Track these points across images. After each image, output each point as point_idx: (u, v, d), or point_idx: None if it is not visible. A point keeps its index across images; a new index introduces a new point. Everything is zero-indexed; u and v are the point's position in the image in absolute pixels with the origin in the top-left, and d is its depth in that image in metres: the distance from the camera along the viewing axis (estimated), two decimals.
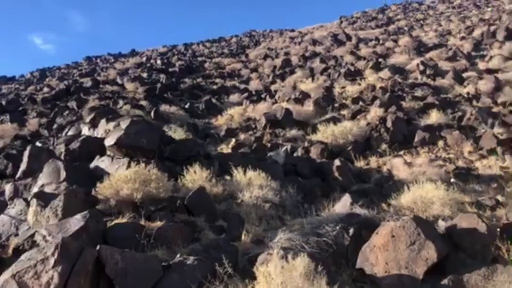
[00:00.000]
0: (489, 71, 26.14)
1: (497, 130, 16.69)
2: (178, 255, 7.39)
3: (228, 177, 12.25)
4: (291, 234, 8.40)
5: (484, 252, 7.61)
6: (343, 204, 9.97)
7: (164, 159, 13.00)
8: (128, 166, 10.17)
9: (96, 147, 12.83)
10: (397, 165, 13.47)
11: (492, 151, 14.73)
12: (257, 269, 6.12)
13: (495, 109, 19.60)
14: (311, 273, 5.88)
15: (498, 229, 8.23)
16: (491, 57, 29.02)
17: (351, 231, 8.53)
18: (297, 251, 6.98)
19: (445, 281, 7.07)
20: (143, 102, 26.96)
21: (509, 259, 7.22)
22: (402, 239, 7.50)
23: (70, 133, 19.32)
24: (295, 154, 16.16)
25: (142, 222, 8.65)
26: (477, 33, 39.02)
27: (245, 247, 8.72)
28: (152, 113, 23.13)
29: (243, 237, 8.91)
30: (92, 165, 12.10)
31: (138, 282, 6.60)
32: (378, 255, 7.59)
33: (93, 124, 17.18)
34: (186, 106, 27.81)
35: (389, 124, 17.38)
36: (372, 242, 7.79)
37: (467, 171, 13.57)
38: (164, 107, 25.49)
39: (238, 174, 11.87)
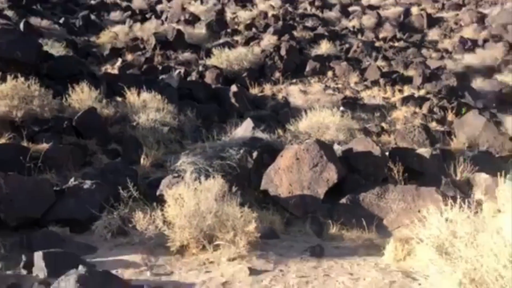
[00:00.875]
0: (371, 7, 27.37)
1: (380, 63, 17.74)
2: (72, 179, 6.69)
3: (119, 99, 11.33)
4: (194, 158, 8.10)
5: (377, 173, 8.14)
6: (244, 129, 9.87)
7: (42, 77, 11.51)
8: (3, 80, 8.73)
9: None
10: (293, 93, 13.70)
11: (375, 82, 15.68)
12: (166, 192, 5.76)
13: (377, 44, 20.74)
14: (225, 195, 5.69)
15: (387, 153, 8.87)
16: None
17: (254, 154, 8.50)
18: (208, 174, 6.74)
19: (343, 200, 7.46)
20: (9, 13, 23.39)
21: (399, 179, 7.81)
22: (306, 161, 7.65)
23: None
24: (189, 78, 15.51)
25: (25, 143, 7.62)
26: None
27: (145, 171, 8.27)
28: (21, 25, 20.20)
29: (142, 161, 8.41)
30: None
31: (27, 208, 5.86)
32: (282, 177, 7.69)
33: None
34: (61, 21, 24.81)
35: (283, 52, 17.42)
36: (277, 164, 7.84)
37: (354, 100, 14.31)
38: (34, 20, 22.39)
39: (131, 96, 11.03)
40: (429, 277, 4.26)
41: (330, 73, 16.89)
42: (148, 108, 10.63)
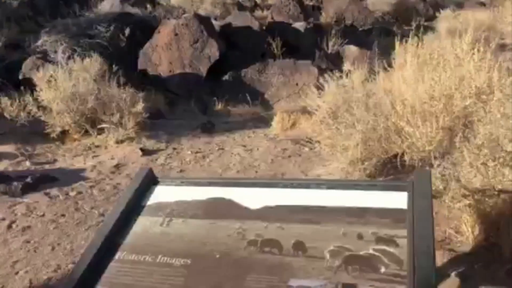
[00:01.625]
0: None
1: None
2: None
3: None
4: (57, 36, 7.17)
5: (256, 48, 8.11)
6: (111, 3, 8.87)
7: None
8: None
9: None
10: None
11: None
12: (35, 75, 5.06)
13: None
14: (105, 75, 5.21)
15: (264, 27, 8.83)
16: None
17: (127, 31, 7.81)
18: (81, 53, 6.03)
19: (226, 77, 7.40)
20: None
21: (277, 54, 7.91)
22: (186, 38, 7.28)
23: None
24: None
25: None
26: None
27: None
28: None
29: None
30: None
31: None
32: (161, 55, 7.27)
33: None
34: None
35: None
36: (154, 41, 7.34)
37: None
38: None
39: None
40: (320, 143, 4.56)
41: None
42: None
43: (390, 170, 3.00)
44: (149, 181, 1.55)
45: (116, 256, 1.32)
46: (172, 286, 1.19)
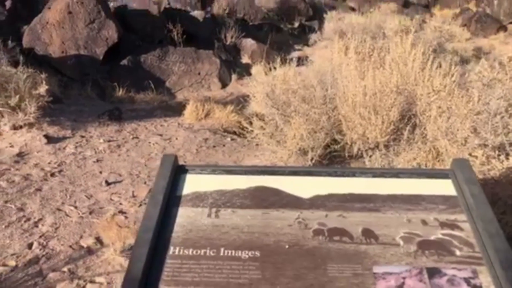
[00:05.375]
0: None
1: None
2: None
3: None
4: None
5: (154, 34, 7.82)
6: None
7: None
8: None
9: None
10: None
11: None
12: None
13: None
14: None
15: (162, 12, 8.53)
16: None
17: (7, 4, 6.92)
18: None
19: (124, 62, 7.01)
20: None
21: (178, 41, 7.72)
22: (81, 16, 6.71)
23: None
24: None
25: None
26: None
27: None
28: None
29: None
30: None
31: None
32: (52, 33, 6.59)
33: None
34: None
35: None
36: (45, 18, 6.62)
37: None
38: None
39: None
40: (239, 133, 4.60)
41: None
42: None
43: (334, 160, 3.16)
44: (178, 170, 1.43)
45: (170, 252, 1.20)
46: (251, 281, 1.13)
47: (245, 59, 8.54)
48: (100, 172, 3.82)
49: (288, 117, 3.49)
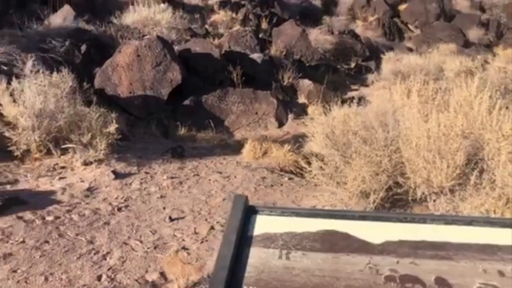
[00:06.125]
0: None
1: None
2: None
3: None
4: (8, 48, 6.69)
5: (215, 76, 8.13)
6: (63, 17, 8.47)
7: None
8: None
9: None
10: None
11: None
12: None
13: None
14: (75, 92, 4.94)
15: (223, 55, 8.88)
16: None
17: (83, 48, 7.48)
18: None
19: (187, 102, 7.31)
20: None
21: (237, 83, 7.97)
22: (148, 59, 7.12)
23: None
24: None
25: None
26: None
27: None
28: None
29: None
30: None
31: None
32: (122, 75, 7.03)
33: None
34: None
35: None
36: (115, 60, 7.08)
37: None
38: None
39: None
40: (296, 173, 4.63)
41: None
42: None
43: (396, 203, 3.12)
44: (248, 210, 1.49)
45: None
46: None
47: (301, 99, 8.65)
48: (164, 208, 3.96)
49: (349, 158, 3.49)
